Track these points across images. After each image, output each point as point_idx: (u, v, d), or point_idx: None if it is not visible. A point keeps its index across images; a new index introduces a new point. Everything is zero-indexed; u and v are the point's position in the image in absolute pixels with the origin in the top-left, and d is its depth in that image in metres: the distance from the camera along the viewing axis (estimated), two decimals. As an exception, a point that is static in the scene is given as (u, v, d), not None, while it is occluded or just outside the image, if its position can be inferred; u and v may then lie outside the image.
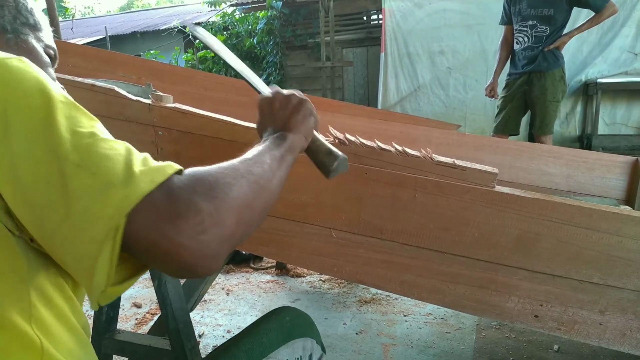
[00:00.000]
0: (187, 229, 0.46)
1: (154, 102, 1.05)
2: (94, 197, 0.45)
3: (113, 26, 10.80)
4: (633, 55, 4.40)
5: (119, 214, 0.45)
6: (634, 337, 1.05)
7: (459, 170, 0.97)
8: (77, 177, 0.46)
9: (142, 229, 0.46)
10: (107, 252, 0.46)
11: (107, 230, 0.45)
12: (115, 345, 1.28)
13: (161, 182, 0.48)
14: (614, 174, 1.92)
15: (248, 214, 0.54)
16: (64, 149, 0.46)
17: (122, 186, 0.46)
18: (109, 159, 0.47)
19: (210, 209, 0.49)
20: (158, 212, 0.46)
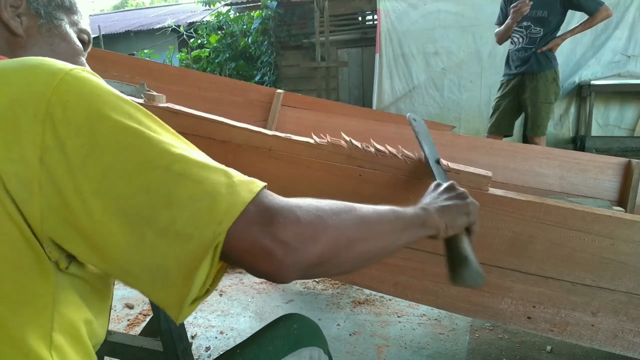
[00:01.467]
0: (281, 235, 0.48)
1: (146, 102, 1.04)
2: (201, 203, 0.46)
3: (107, 25, 10.74)
4: (626, 57, 4.44)
5: (228, 219, 0.46)
6: (626, 338, 1.05)
7: (453, 173, 0.97)
8: (181, 186, 0.46)
9: (240, 233, 0.47)
10: (210, 256, 0.46)
11: (216, 235, 0.46)
12: (107, 347, 1.27)
13: (258, 192, 0.49)
14: (606, 176, 1.93)
15: (344, 247, 0.54)
16: (164, 160, 0.47)
17: (227, 194, 0.47)
18: (208, 168, 0.49)
19: (307, 223, 0.50)
20: (256, 218, 0.48)
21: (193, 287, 0.47)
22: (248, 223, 0.47)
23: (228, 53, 7.04)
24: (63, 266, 0.49)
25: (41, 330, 0.48)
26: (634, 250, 0.95)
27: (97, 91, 0.48)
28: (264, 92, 2.21)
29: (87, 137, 0.46)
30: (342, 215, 0.54)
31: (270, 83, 6.49)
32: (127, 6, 23.27)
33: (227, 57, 7.02)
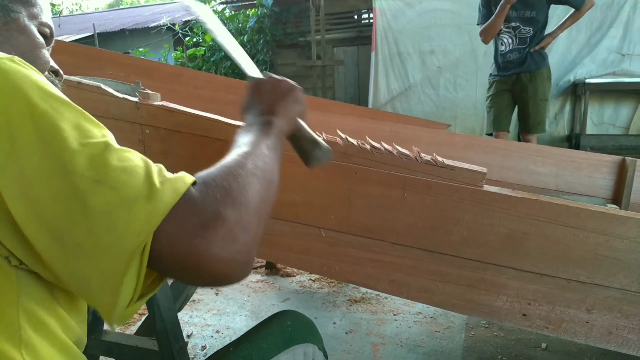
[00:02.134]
0: (217, 239, 0.45)
1: (141, 100, 1.03)
2: (117, 213, 0.43)
3: (101, 23, 10.70)
4: (620, 56, 4.45)
5: (147, 229, 0.43)
6: (620, 335, 1.06)
7: (448, 169, 0.97)
8: (97, 194, 0.43)
9: (169, 244, 0.44)
10: (135, 270, 0.44)
11: (135, 247, 0.43)
12: (102, 346, 1.27)
13: (183, 194, 0.46)
14: (601, 174, 1.94)
15: (265, 211, 0.54)
16: (79, 165, 0.44)
17: (146, 200, 0.44)
18: (127, 172, 0.45)
19: (236, 216, 0.47)
20: (184, 225, 0.45)
21: (119, 299, 0.44)
22: (176, 232, 0.44)
23: (223, 52, 7.01)
24: (15, 263, 0.47)
25: (9, 330, 0.46)
26: (628, 246, 0.96)
27: (21, 84, 0.46)
28: (259, 91, 2.20)
29: (6, 135, 0.44)
30: (247, 185, 0.52)
31: (266, 82, 6.47)
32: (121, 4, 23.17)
33: (222, 56, 7.00)
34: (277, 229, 1.10)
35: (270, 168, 0.60)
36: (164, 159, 1.05)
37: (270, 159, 0.61)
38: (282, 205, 1.07)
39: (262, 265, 2.75)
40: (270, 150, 0.63)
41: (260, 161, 0.58)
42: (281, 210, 1.08)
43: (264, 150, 0.62)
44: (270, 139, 0.66)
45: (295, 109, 0.77)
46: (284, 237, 1.11)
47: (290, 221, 1.09)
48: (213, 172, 0.51)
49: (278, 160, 0.65)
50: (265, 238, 1.11)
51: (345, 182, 1.01)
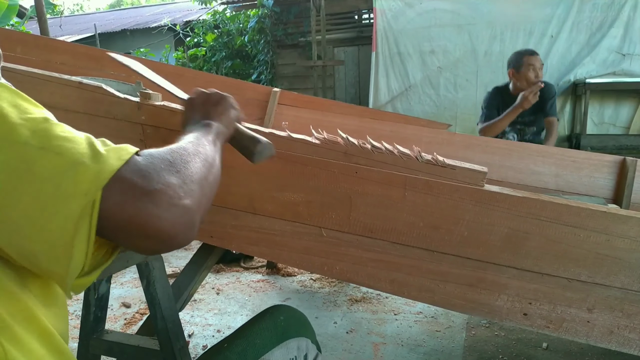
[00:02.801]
0: (161, 201, 0.47)
1: (142, 100, 1.04)
2: (63, 175, 0.45)
3: (102, 24, 10.70)
4: (621, 56, 4.45)
5: (94, 188, 0.45)
6: (621, 334, 1.06)
7: (449, 169, 0.97)
8: (42, 159, 0.45)
9: (117, 205, 0.46)
10: (85, 230, 0.45)
11: (83, 207, 0.44)
12: (103, 346, 1.27)
13: (128, 159, 0.48)
14: (602, 173, 1.94)
15: (207, 187, 0.58)
16: (22, 134, 0.45)
17: (92, 163, 0.46)
18: (70, 140, 0.47)
19: (179, 181, 0.51)
20: (131, 187, 0.47)
21: (71, 267, 0.45)
22: (123, 192, 0.46)
23: (224, 52, 7.02)
24: None
25: None
26: (629, 246, 0.96)
27: None
28: (260, 91, 2.21)
29: None
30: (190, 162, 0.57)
31: (267, 82, 6.48)
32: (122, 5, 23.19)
33: (223, 56, 7.00)
34: (277, 228, 1.10)
35: (212, 155, 0.65)
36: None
37: (210, 150, 0.67)
38: (283, 205, 1.07)
39: (263, 265, 2.75)
40: (210, 144, 0.69)
41: (202, 148, 0.64)
42: (282, 210, 1.08)
43: (204, 142, 0.68)
44: (210, 136, 0.72)
45: (230, 113, 0.84)
46: (284, 236, 1.11)
47: (291, 221, 1.09)
48: (158, 149, 0.55)
49: (218, 153, 0.70)
50: (265, 238, 1.12)
51: (346, 181, 1.01)
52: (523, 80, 2.69)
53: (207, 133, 0.73)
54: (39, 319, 0.51)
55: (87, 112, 1.09)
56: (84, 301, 1.26)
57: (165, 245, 0.49)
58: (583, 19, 4.47)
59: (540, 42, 4.57)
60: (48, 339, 0.52)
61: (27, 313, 0.50)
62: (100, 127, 1.08)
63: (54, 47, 2.00)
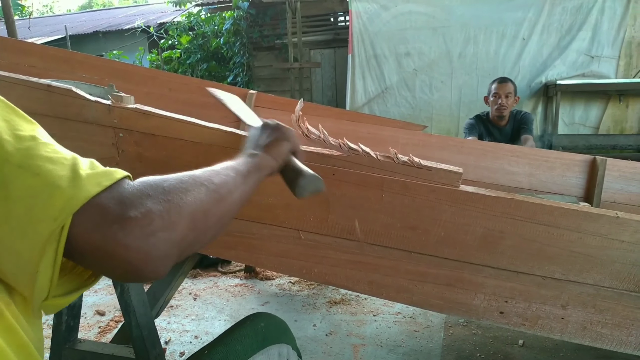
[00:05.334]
0: (134, 230, 0.45)
1: (114, 103, 1.01)
2: (36, 198, 0.43)
3: (73, 25, 10.47)
4: (589, 58, 4.57)
5: (63, 215, 0.43)
6: (594, 330, 1.08)
7: (425, 170, 0.98)
8: (18, 179, 0.44)
9: (86, 231, 0.44)
10: (50, 256, 0.43)
11: (50, 232, 0.43)
12: (76, 355, 1.23)
13: (108, 186, 0.46)
14: (573, 172, 1.98)
15: (202, 221, 0.54)
16: (3, 151, 0.44)
17: (67, 188, 0.44)
18: (52, 161, 0.46)
19: (161, 211, 0.48)
20: (104, 214, 0.45)
21: (36, 288, 0.44)
22: (94, 219, 0.44)
23: (199, 54, 6.94)
24: None
25: None
26: (600, 243, 0.98)
27: None
28: (236, 93, 2.18)
29: None
30: (190, 190, 0.53)
31: (243, 84, 6.44)
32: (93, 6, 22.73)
33: (198, 58, 6.93)
34: (255, 232, 1.09)
35: (229, 187, 0.61)
36: (139, 163, 1.03)
37: (232, 180, 0.63)
38: (261, 208, 1.06)
39: (241, 269, 2.72)
40: (239, 175, 0.65)
41: (219, 178, 0.60)
42: (259, 213, 1.07)
43: (231, 172, 0.64)
44: (245, 167, 0.69)
45: (280, 146, 0.81)
46: (262, 240, 1.10)
47: (268, 224, 1.08)
48: (162, 176, 0.53)
49: (246, 186, 0.67)
50: (243, 241, 1.10)
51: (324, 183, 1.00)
52: (492, 105, 2.88)
53: (245, 163, 0.70)
54: (17, 331, 0.49)
55: (57, 115, 1.05)
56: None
57: (133, 276, 0.47)
58: (553, 22, 4.59)
59: (512, 45, 4.67)
60: (25, 350, 0.50)
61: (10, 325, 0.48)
62: (72, 131, 1.04)
63: (22, 49, 1.94)
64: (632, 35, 4.54)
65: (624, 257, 0.99)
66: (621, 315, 1.06)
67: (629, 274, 1.01)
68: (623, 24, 4.49)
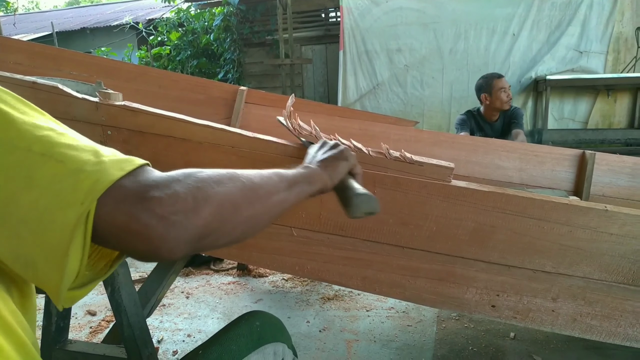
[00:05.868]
0: (157, 209, 0.45)
1: (102, 100, 1.00)
2: (62, 184, 0.44)
3: (60, 22, 10.34)
4: (578, 53, 4.61)
5: (90, 198, 0.44)
6: (584, 321, 1.09)
7: (417, 165, 0.98)
8: (43, 166, 0.44)
9: (111, 213, 0.45)
10: (80, 239, 0.44)
11: (79, 216, 0.43)
12: (67, 356, 1.22)
13: (131, 170, 0.47)
14: (563, 167, 2.00)
15: (230, 214, 0.53)
16: (25, 140, 0.45)
17: (92, 172, 0.45)
18: (74, 148, 0.47)
19: (186, 194, 0.48)
20: (128, 195, 0.45)
21: (65, 275, 0.45)
22: (118, 200, 0.45)
23: (189, 50, 6.89)
24: None
25: None
26: (590, 236, 0.99)
27: None
28: (226, 90, 2.17)
29: None
30: (224, 182, 0.53)
31: (234, 81, 6.40)
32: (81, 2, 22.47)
33: (188, 55, 6.88)
34: (247, 229, 1.08)
35: (269, 189, 0.60)
36: (128, 161, 1.02)
37: (274, 183, 0.62)
38: (252, 205, 1.05)
39: (233, 267, 2.71)
40: (284, 182, 0.64)
41: (259, 179, 0.59)
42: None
43: (276, 177, 0.63)
44: (294, 177, 0.68)
45: (337, 165, 0.80)
46: (254, 237, 1.09)
47: (260, 221, 1.08)
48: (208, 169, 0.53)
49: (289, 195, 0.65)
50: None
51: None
52: (497, 101, 2.88)
53: (295, 173, 0.69)
54: (16, 329, 0.50)
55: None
56: (45, 311, 1.21)
57: (152, 254, 0.47)
58: (543, 17, 4.61)
59: (502, 40, 4.69)
60: (24, 349, 0.50)
61: (8, 323, 0.49)
62: (59, 129, 1.03)
63: (7, 46, 1.91)
64: (620, 31, 4.58)
65: (613, 249, 1.00)
66: (610, 306, 1.07)
67: (618, 266, 1.02)
68: (611, 19, 4.53)
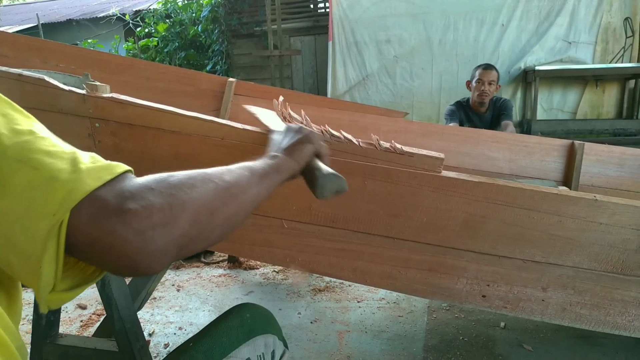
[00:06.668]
0: (133, 223, 0.44)
1: (89, 92, 0.98)
2: (35, 192, 0.43)
3: (46, 13, 10.16)
4: (567, 43, 4.63)
5: (62, 209, 0.42)
6: (574, 310, 1.10)
7: (407, 156, 0.98)
8: (17, 173, 0.43)
9: (85, 225, 0.43)
10: (52, 250, 0.43)
11: (50, 227, 0.42)
12: (58, 350, 1.21)
13: (109, 180, 0.45)
14: (552, 157, 2.01)
15: (207, 218, 0.52)
16: (2, 145, 0.44)
17: (67, 182, 0.44)
18: (52, 155, 0.45)
19: (162, 204, 0.46)
20: (103, 207, 0.44)
21: (41, 284, 0.44)
22: (93, 213, 0.44)
23: (177, 42, 6.81)
24: None
25: None
26: (579, 226, 1.00)
27: None
28: (215, 81, 2.15)
29: None
30: (198, 186, 0.52)
31: (223, 72, 6.34)
32: (67, -6, 22.05)
33: (176, 47, 6.79)
34: (237, 221, 1.08)
35: (242, 186, 0.60)
36: (116, 153, 1.00)
37: (246, 179, 0.61)
38: (242, 198, 1.05)
39: (224, 259, 2.71)
40: (255, 175, 0.64)
41: (231, 176, 0.58)
42: (241, 202, 1.05)
43: (246, 172, 0.63)
44: (263, 168, 0.68)
45: (302, 148, 0.80)
46: (245, 229, 1.09)
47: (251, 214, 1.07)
48: (171, 173, 0.51)
49: (262, 187, 0.65)
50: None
51: (306, 171, 1.00)
52: (474, 91, 2.89)
53: (264, 164, 0.69)
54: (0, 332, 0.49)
55: (29, 106, 1.01)
56: (35, 305, 1.20)
57: (129, 270, 0.46)
58: (532, 7, 4.62)
59: (491, 31, 4.69)
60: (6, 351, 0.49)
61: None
62: (46, 122, 1.00)
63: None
64: (609, 21, 4.60)
65: (602, 239, 1.01)
66: (600, 296, 1.08)
67: (607, 255, 1.03)
68: (600, 10, 4.55)
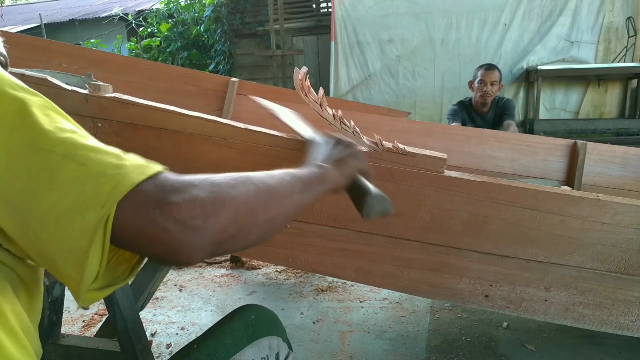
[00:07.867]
0: (176, 214, 0.46)
1: (92, 92, 0.98)
2: (83, 186, 0.45)
3: (48, 13, 10.18)
4: (569, 43, 4.62)
5: (110, 202, 0.44)
6: (576, 310, 1.10)
7: (410, 156, 0.98)
8: (65, 168, 0.45)
9: (130, 217, 0.45)
10: (99, 242, 0.44)
11: (99, 218, 0.44)
12: (60, 351, 1.22)
13: (151, 175, 0.47)
14: (555, 157, 2.01)
15: (247, 218, 0.53)
16: (48, 142, 0.46)
17: (113, 176, 0.46)
18: (97, 151, 0.47)
19: (204, 199, 0.48)
20: (148, 199, 0.46)
21: (85, 275, 0.45)
22: (138, 205, 0.46)
23: (180, 42, 6.82)
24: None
25: None
26: (582, 225, 1.00)
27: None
28: (217, 81, 2.16)
29: None
30: (239, 186, 0.53)
31: (225, 72, 6.35)
32: (70, -6, 22.09)
33: (179, 46, 6.80)
34: (240, 221, 1.08)
35: (284, 192, 0.60)
36: (119, 153, 1.01)
37: (289, 185, 0.62)
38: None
39: (226, 259, 2.71)
40: (298, 182, 0.64)
41: (274, 181, 0.59)
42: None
43: (289, 178, 0.63)
44: (308, 177, 0.67)
45: (349, 163, 0.79)
46: (247, 229, 1.09)
47: (253, 213, 1.07)
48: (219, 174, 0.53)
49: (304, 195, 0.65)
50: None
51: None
52: (476, 92, 2.90)
53: (309, 173, 0.69)
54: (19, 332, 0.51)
55: (31, 105, 1.02)
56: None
57: (169, 260, 0.48)
58: (534, 7, 4.61)
59: (494, 30, 4.68)
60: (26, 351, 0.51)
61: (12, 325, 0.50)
62: (47, 122, 1.02)
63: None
64: (611, 21, 4.59)
65: (605, 238, 1.01)
66: (602, 295, 1.08)
67: (610, 255, 1.03)
68: (602, 9, 4.54)
